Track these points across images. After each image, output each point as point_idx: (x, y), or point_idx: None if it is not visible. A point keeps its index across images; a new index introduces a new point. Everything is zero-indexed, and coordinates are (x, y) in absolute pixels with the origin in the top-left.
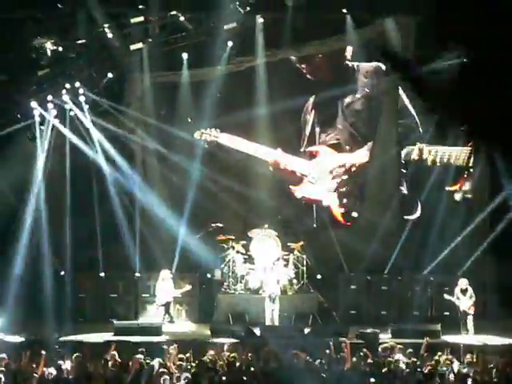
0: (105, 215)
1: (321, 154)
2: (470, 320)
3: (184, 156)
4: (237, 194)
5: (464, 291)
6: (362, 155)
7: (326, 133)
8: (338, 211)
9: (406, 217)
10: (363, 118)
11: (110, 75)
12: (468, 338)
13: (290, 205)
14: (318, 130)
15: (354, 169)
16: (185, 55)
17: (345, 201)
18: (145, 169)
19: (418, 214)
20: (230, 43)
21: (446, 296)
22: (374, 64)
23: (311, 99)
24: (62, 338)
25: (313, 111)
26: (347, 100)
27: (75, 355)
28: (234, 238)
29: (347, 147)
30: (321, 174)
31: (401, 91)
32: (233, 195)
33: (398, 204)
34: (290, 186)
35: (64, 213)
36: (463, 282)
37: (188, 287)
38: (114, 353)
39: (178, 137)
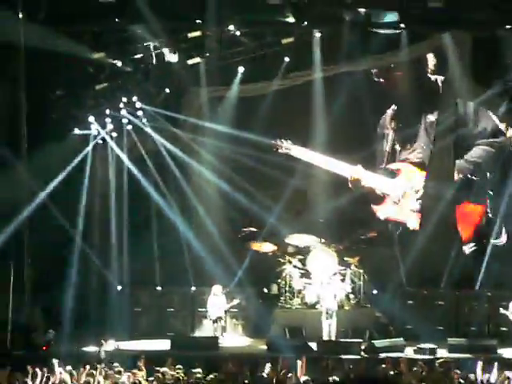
0: (162, 229)
1: (403, 172)
2: None
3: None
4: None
5: None
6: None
7: (406, 149)
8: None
9: (492, 241)
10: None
11: (167, 90)
12: None
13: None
14: (398, 147)
15: None
16: (241, 69)
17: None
18: (199, 184)
19: (504, 240)
20: (286, 58)
21: (502, 310)
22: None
23: (389, 112)
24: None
25: (392, 125)
26: (431, 118)
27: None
28: (265, 244)
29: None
30: (405, 193)
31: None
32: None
33: None
34: (373, 206)
35: (122, 226)
36: None
37: (236, 301)
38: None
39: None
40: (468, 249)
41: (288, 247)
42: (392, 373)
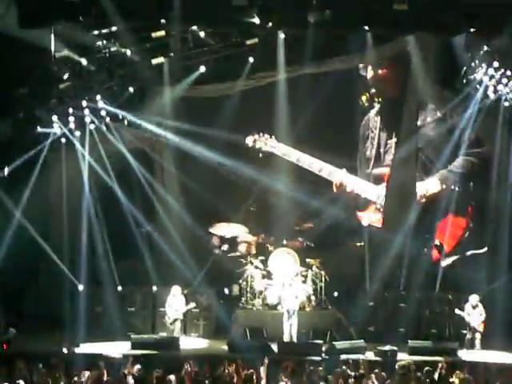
0: (121, 228)
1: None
2: (477, 337)
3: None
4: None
5: (474, 307)
6: (433, 184)
7: (391, 153)
8: None
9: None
10: (434, 145)
11: (131, 89)
12: (475, 354)
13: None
14: (382, 150)
15: (423, 200)
16: (202, 68)
17: None
18: (164, 181)
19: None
20: (251, 59)
21: (457, 311)
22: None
23: (372, 113)
24: (78, 351)
25: (376, 126)
26: (417, 122)
27: (92, 369)
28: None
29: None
30: None
31: None
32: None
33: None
34: (357, 213)
35: (81, 227)
36: (474, 299)
37: (192, 304)
38: (134, 367)
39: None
40: (450, 261)
41: (213, 238)
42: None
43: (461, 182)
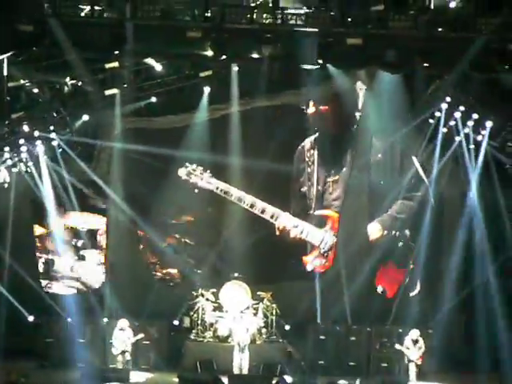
0: None
1: (331, 221)
2: (412, 367)
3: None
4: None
5: (415, 342)
6: (374, 229)
7: (329, 193)
8: None
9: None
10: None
11: (85, 118)
12: None
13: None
14: (321, 188)
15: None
16: (153, 99)
17: None
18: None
19: (417, 289)
20: (206, 89)
21: (397, 346)
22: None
23: (306, 145)
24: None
25: (312, 158)
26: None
27: None
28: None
29: None
30: (332, 246)
31: None
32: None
33: None
34: (304, 258)
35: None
36: (414, 333)
37: (140, 335)
38: None
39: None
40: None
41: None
42: None
43: (400, 228)
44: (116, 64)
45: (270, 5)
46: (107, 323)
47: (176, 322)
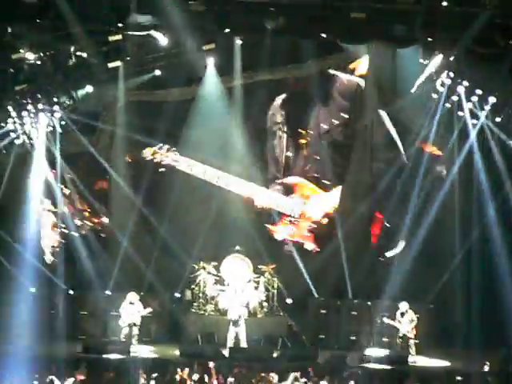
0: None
1: (299, 188)
2: (411, 344)
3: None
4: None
5: (403, 314)
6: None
7: (298, 158)
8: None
9: (387, 254)
10: (342, 152)
11: (88, 89)
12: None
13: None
14: (290, 153)
15: (331, 212)
16: (157, 72)
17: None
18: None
19: (399, 248)
20: (209, 62)
21: (386, 320)
22: (356, 80)
23: (277, 103)
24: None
25: (281, 118)
26: (324, 126)
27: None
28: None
29: (327, 182)
30: (302, 213)
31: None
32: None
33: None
34: (268, 226)
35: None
36: (404, 306)
37: (149, 309)
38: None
39: None
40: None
41: None
42: None
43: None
44: (119, 37)
45: None
46: (109, 296)
47: (177, 295)
